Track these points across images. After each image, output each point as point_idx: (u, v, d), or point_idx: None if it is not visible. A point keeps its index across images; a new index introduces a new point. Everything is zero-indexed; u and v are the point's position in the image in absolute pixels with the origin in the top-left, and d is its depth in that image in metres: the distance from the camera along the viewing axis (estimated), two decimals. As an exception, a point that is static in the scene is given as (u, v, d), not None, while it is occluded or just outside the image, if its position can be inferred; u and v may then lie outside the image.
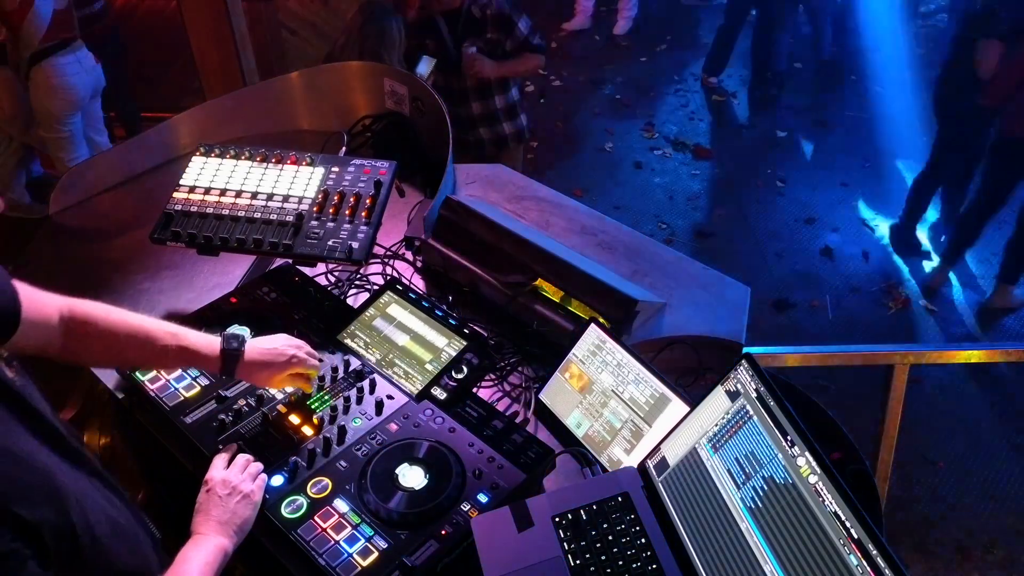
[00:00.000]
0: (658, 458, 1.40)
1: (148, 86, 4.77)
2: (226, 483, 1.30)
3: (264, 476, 1.37)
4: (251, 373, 1.44)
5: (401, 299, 1.77)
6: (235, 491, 1.29)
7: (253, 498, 1.31)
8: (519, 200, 2.26)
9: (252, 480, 1.33)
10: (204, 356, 1.40)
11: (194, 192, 1.88)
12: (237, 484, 1.30)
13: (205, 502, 1.28)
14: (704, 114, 5.80)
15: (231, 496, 1.28)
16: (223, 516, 1.25)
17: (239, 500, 1.28)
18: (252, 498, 1.31)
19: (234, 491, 1.29)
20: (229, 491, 1.29)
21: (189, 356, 1.40)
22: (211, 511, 1.26)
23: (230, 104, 2.57)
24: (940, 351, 2.17)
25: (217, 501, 1.27)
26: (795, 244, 4.56)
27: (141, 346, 1.35)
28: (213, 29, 4.06)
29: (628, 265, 2.00)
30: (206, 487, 1.30)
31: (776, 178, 5.13)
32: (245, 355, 1.41)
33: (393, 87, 2.51)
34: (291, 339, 1.51)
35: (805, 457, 1.17)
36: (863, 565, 1.04)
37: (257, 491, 1.33)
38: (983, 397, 3.71)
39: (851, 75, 5.90)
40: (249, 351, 1.42)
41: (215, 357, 1.40)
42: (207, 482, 1.31)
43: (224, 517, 1.25)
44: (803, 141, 5.54)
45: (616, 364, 1.59)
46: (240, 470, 1.35)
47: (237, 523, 1.26)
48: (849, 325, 4.02)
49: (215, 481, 1.31)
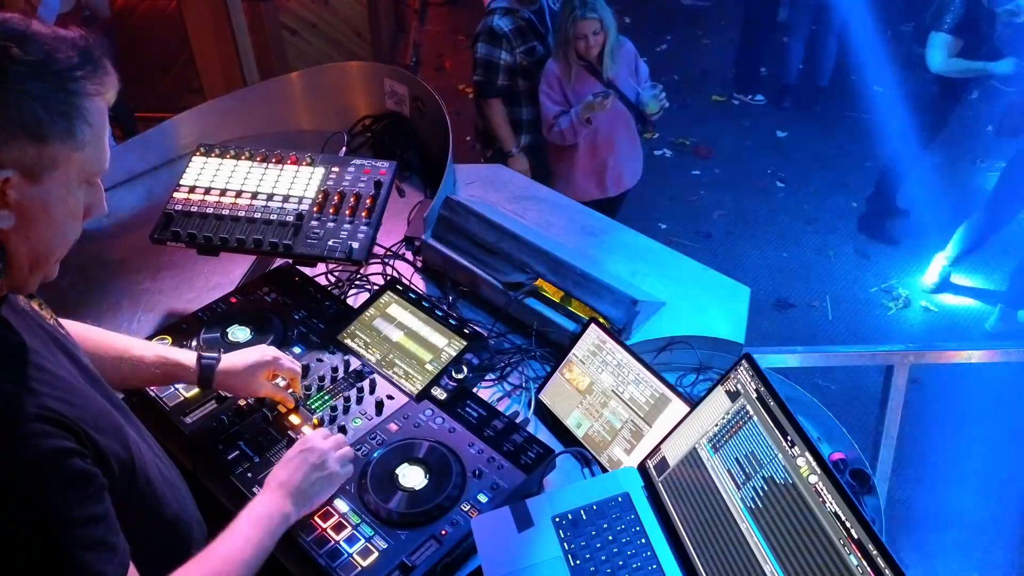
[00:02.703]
0: (658, 458, 1.40)
1: (148, 86, 4.76)
2: (321, 452, 1.31)
3: (351, 467, 1.38)
4: (228, 380, 1.45)
5: (401, 299, 1.77)
6: (324, 466, 1.30)
7: (335, 480, 1.32)
8: (519, 200, 2.26)
9: (341, 464, 1.34)
10: (182, 366, 1.42)
11: (194, 192, 1.88)
12: (328, 460, 1.31)
13: (295, 460, 1.29)
14: (704, 114, 5.80)
15: (318, 468, 1.29)
16: (302, 483, 1.26)
17: (323, 475, 1.29)
18: (334, 479, 1.32)
19: (323, 465, 1.30)
20: (319, 462, 1.29)
21: (167, 366, 1.42)
22: (295, 472, 1.27)
23: (230, 104, 2.57)
24: (940, 351, 2.16)
25: (303, 464, 1.28)
26: (795, 244, 4.56)
27: (119, 359, 1.37)
28: (213, 29, 4.06)
29: (628, 265, 2.00)
30: (303, 446, 1.31)
31: (776, 178, 5.13)
32: (221, 363, 1.43)
33: (393, 87, 2.52)
34: (266, 347, 1.51)
35: (805, 457, 1.17)
36: (863, 565, 1.04)
37: (341, 477, 1.34)
38: (983, 397, 3.71)
39: (851, 75, 5.90)
40: (225, 359, 1.45)
41: (192, 368, 1.42)
42: (305, 442, 1.32)
43: (303, 485, 1.26)
44: (803, 141, 5.54)
45: (616, 364, 1.59)
46: (336, 446, 1.35)
47: (311, 495, 1.28)
48: (849, 325, 4.02)
49: (313, 445, 1.31)
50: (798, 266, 4.39)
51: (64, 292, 1.27)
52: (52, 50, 0.87)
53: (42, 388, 0.92)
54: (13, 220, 0.89)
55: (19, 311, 1.00)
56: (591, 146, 3.27)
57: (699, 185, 5.07)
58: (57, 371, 0.97)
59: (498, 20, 3.12)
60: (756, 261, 4.40)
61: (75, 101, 0.89)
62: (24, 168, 0.87)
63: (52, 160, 0.89)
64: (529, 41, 3.18)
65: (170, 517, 1.14)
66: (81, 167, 0.93)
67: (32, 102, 0.86)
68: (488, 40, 3.14)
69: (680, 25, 6.85)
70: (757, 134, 5.61)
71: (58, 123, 0.88)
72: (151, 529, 1.10)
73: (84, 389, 1.01)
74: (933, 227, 4.55)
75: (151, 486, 1.08)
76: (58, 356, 1.02)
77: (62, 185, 0.92)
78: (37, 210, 0.91)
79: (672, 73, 6.17)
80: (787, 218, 4.77)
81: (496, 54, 3.14)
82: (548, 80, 3.16)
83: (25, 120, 0.86)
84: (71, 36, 0.90)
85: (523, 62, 3.19)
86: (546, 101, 3.18)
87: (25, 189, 0.89)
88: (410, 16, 6.50)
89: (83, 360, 1.10)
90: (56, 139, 0.89)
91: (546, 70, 3.18)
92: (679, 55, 6.43)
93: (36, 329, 1.01)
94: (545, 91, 3.17)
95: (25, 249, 0.93)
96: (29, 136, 0.87)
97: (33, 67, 0.86)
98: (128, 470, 1.02)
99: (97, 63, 0.91)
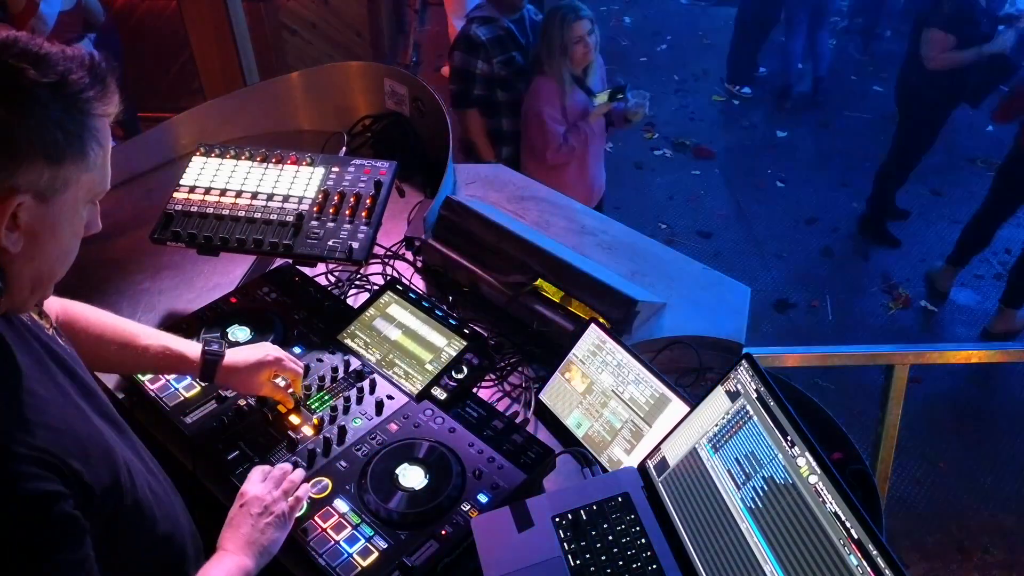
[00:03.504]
0: (658, 458, 1.40)
1: (148, 86, 4.77)
2: (260, 501, 1.25)
3: (305, 488, 1.33)
4: (231, 376, 1.44)
5: (401, 299, 1.77)
6: (267, 511, 1.24)
7: (285, 520, 1.26)
8: (519, 200, 2.26)
9: (286, 498, 1.28)
10: (186, 358, 1.41)
11: (194, 192, 1.88)
12: (270, 504, 1.25)
13: (236, 517, 1.23)
14: (704, 114, 5.80)
15: (263, 516, 1.23)
16: (252, 535, 1.21)
17: (270, 521, 1.23)
18: (284, 520, 1.25)
19: (266, 511, 1.23)
20: (261, 510, 1.23)
21: (171, 357, 1.41)
22: (240, 528, 1.21)
23: (230, 104, 2.57)
24: (940, 351, 2.17)
25: (248, 518, 1.22)
26: (795, 244, 4.57)
27: (123, 345, 1.37)
28: (213, 29, 4.06)
29: (628, 265, 2.00)
30: (240, 501, 1.25)
31: (776, 178, 5.13)
32: (225, 358, 1.42)
33: (393, 87, 2.51)
34: (271, 346, 1.51)
35: (805, 457, 1.17)
36: (863, 565, 1.04)
37: (291, 511, 1.27)
38: (983, 397, 3.72)
39: (851, 76, 5.91)
40: (229, 354, 1.44)
41: (196, 360, 1.41)
42: (242, 495, 1.26)
43: (252, 537, 1.21)
44: (803, 141, 5.54)
45: (616, 364, 1.59)
46: (276, 483, 1.29)
47: (264, 543, 1.21)
48: (849, 325, 4.03)
49: (249, 496, 1.25)
50: (798, 266, 4.39)
51: (64, 292, 1.27)
52: (65, 71, 0.86)
53: (32, 417, 0.90)
54: (22, 243, 0.89)
55: (15, 326, 0.99)
56: (582, 157, 3.21)
57: (699, 185, 5.07)
58: (48, 395, 0.96)
59: (476, 29, 3.06)
60: (756, 261, 4.41)
61: (88, 123, 0.89)
62: (37, 191, 0.87)
63: (64, 182, 0.89)
64: (508, 51, 3.11)
65: (162, 536, 1.12)
66: (90, 187, 0.93)
67: (52, 126, 0.86)
68: (465, 49, 3.08)
69: (680, 25, 6.85)
70: (757, 134, 5.61)
71: (74, 145, 0.88)
72: (143, 550, 1.09)
73: (76, 410, 0.99)
74: (933, 227, 4.56)
75: (140, 509, 1.06)
76: (53, 373, 1.00)
77: (70, 206, 0.92)
78: (46, 232, 0.91)
79: (672, 73, 6.17)
80: (787, 218, 4.77)
81: (472, 63, 3.08)
82: (549, 100, 3.06)
83: (46, 144, 0.86)
84: (80, 55, 0.89)
85: (501, 72, 3.11)
86: (552, 124, 3.07)
87: (36, 212, 0.88)
88: (410, 16, 6.49)
89: (80, 373, 1.08)
90: (70, 161, 0.88)
91: (540, 91, 3.07)
92: (679, 55, 6.43)
93: (32, 344, 1.00)
94: (549, 113, 3.06)
95: (29, 271, 0.93)
96: (47, 160, 0.86)
97: (50, 89, 0.85)
98: (114, 496, 1.00)
99: (105, 82, 0.91)
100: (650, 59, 6.34)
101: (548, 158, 3.14)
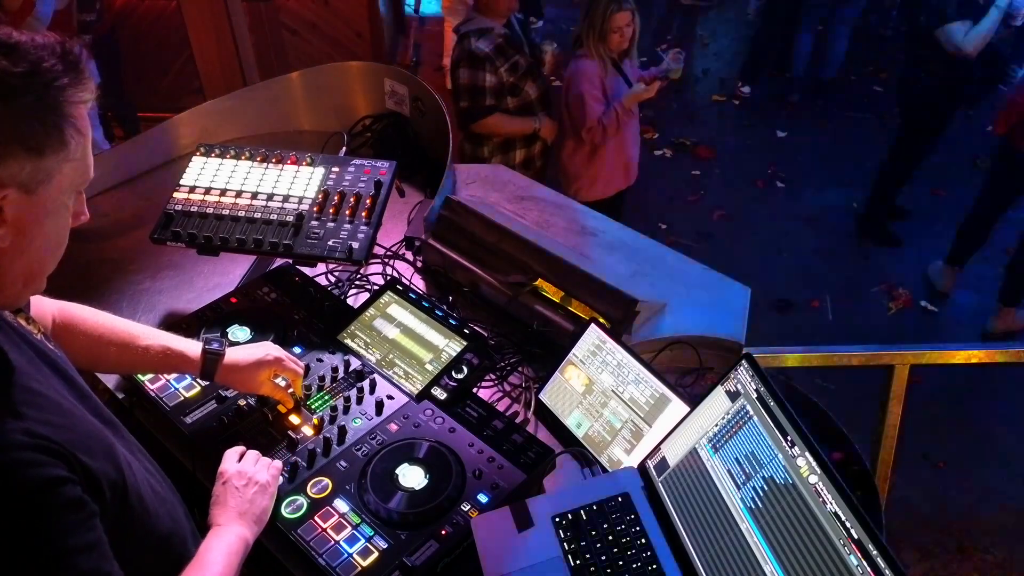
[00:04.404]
0: (658, 458, 1.40)
1: (148, 86, 4.77)
2: (242, 474, 1.29)
3: (278, 464, 1.36)
4: (231, 375, 1.44)
5: (401, 299, 1.77)
6: (251, 481, 1.28)
7: (269, 488, 1.30)
8: (519, 200, 2.26)
9: (267, 470, 1.32)
10: (186, 357, 1.41)
11: (194, 192, 1.88)
12: (252, 475, 1.29)
13: (222, 494, 1.26)
14: (704, 114, 5.80)
15: (248, 487, 1.27)
16: (242, 506, 1.24)
17: (256, 490, 1.27)
18: (268, 488, 1.30)
19: (250, 481, 1.28)
20: (245, 482, 1.28)
21: (171, 357, 1.41)
22: (228, 502, 1.25)
23: (230, 104, 2.57)
24: (940, 351, 2.16)
25: (234, 492, 1.26)
26: (795, 244, 4.57)
27: (124, 346, 1.37)
28: (213, 29, 4.06)
29: (628, 265, 2.00)
30: (221, 479, 1.29)
31: (776, 178, 5.13)
32: (226, 357, 1.42)
33: (393, 87, 2.52)
34: (272, 345, 1.51)
35: (805, 457, 1.17)
36: (863, 565, 1.04)
37: (273, 481, 1.32)
38: (983, 397, 3.71)
39: (852, 75, 5.91)
40: (230, 353, 1.44)
41: (196, 359, 1.41)
42: (222, 475, 1.29)
43: (243, 507, 1.24)
44: (803, 141, 5.54)
45: (616, 364, 1.59)
46: (253, 462, 1.33)
47: (256, 512, 1.25)
48: (849, 325, 4.02)
49: (230, 473, 1.29)
50: (798, 266, 4.39)
51: (64, 292, 1.27)
52: (38, 60, 0.85)
53: (31, 412, 0.90)
54: (10, 238, 0.88)
55: (5, 328, 0.98)
56: (621, 137, 3.32)
57: (699, 185, 5.07)
58: (45, 392, 0.96)
59: (476, 43, 3.07)
60: (756, 261, 4.40)
61: (65, 111, 0.88)
62: (21, 183, 0.86)
63: (47, 173, 0.88)
64: (511, 56, 3.13)
65: (164, 534, 1.12)
66: (73, 177, 0.92)
67: (28, 116, 0.85)
68: (470, 65, 3.09)
69: (680, 25, 6.85)
70: (757, 134, 5.61)
71: (52, 135, 0.87)
72: (145, 548, 1.09)
73: (74, 409, 1.00)
74: (933, 227, 4.56)
75: (143, 504, 1.07)
76: (46, 374, 1.00)
77: (55, 196, 0.91)
78: (33, 225, 0.90)
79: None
80: (787, 218, 4.77)
81: (480, 77, 3.09)
82: (590, 79, 3.19)
83: (24, 135, 0.85)
84: (50, 43, 0.87)
85: (508, 79, 3.14)
86: (592, 103, 3.19)
87: (22, 205, 0.87)
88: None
89: (73, 376, 1.08)
90: (51, 152, 0.88)
91: (582, 70, 3.20)
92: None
93: (23, 346, 1.00)
94: (589, 91, 3.19)
95: (20, 265, 0.92)
96: (27, 151, 0.85)
97: (23, 79, 0.84)
98: (119, 491, 1.01)
99: (78, 69, 0.89)
100: (650, 59, 6.34)
101: (583, 136, 3.28)
